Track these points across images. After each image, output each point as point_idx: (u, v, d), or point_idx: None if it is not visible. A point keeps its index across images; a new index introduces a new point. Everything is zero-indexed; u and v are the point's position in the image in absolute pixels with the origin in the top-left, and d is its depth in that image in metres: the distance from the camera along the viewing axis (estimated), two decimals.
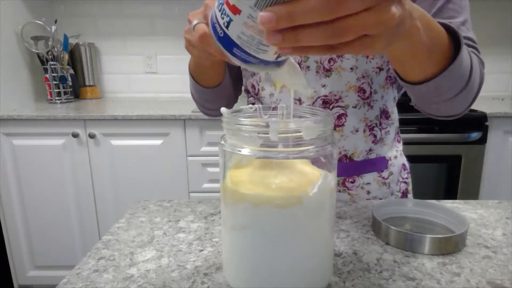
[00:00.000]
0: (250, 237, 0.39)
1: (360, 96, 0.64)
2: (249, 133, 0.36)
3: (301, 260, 0.38)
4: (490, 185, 1.72)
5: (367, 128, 0.67)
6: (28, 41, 1.84)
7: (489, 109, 1.67)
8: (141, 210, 0.63)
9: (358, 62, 0.62)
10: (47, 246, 1.75)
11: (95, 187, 1.69)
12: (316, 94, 0.64)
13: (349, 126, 0.66)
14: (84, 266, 0.46)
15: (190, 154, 1.66)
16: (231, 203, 0.39)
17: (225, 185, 0.40)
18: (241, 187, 0.38)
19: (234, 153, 0.38)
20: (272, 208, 0.36)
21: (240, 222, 0.39)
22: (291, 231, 0.37)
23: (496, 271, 0.45)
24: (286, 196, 0.37)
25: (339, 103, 0.64)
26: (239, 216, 0.39)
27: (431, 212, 0.57)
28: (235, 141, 0.37)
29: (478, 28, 0.65)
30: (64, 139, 1.64)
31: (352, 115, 0.65)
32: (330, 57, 0.61)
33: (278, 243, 0.37)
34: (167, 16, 2.14)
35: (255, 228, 0.38)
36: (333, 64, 0.62)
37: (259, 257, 0.38)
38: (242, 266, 0.40)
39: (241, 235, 0.39)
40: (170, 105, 1.89)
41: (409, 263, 0.46)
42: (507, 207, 0.65)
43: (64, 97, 1.97)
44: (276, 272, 0.38)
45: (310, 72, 0.63)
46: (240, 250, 0.40)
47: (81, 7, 2.12)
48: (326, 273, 0.42)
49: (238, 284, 0.41)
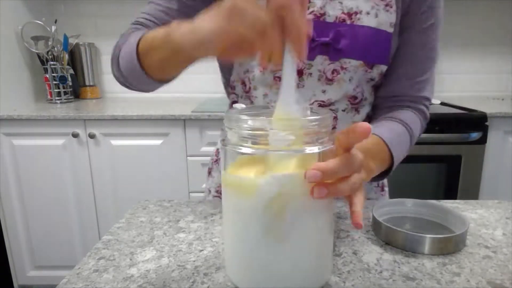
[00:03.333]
0: (250, 233, 0.39)
1: (351, 101, 0.66)
2: (248, 132, 0.36)
3: (302, 256, 0.39)
4: (490, 185, 1.72)
5: None
6: (28, 41, 1.84)
7: (489, 109, 1.67)
8: (141, 210, 0.63)
9: (357, 74, 0.63)
10: (47, 246, 1.75)
11: (95, 187, 1.69)
12: (315, 97, 0.64)
13: (340, 129, 0.67)
14: (84, 266, 0.46)
15: (190, 154, 1.66)
16: (232, 194, 0.40)
17: (225, 178, 0.40)
18: (242, 173, 0.38)
19: (234, 151, 0.38)
20: (274, 196, 0.36)
21: (239, 214, 0.39)
22: (292, 226, 0.37)
23: (496, 271, 0.45)
24: (288, 175, 0.36)
25: (331, 106, 0.66)
26: (239, 208, 0.39)
27: (431, 212, 0.57)
28: (235, 139, 0.38)
29: (478, 28, 0.66)
30: (64, 139, 1.64)
31: (342, 119, 0.67)
32: (334, 68, 0.62)
33: (279, 239, 0.38)
34: None
35: (254, 222, 0.38)
36: (336, 76, 0.63)
37: (260, 254, 0.39)
38: (244, 263, 0.41)
39: (241, 230, 0.39)
40: (170, 105, 1.89)
41: (409, 263, 0.46)
42: (507, 207, 0.65)
43: (64, 97, 1.97)
44: (276, 269, 0.38)
45: (312, 79, 0.63)
46: (241, 246, 0.40)
47: (81, 7, 2.12)
48: (325, 271, 0.42)
49: (240, 281, 0.41)
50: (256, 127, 0.36)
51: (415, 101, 0.68)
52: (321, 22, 0.60)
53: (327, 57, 0.61)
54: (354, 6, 0.60)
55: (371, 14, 0.60)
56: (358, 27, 0.60)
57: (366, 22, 0.60)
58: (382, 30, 0.61)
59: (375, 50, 0.62)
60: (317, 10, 0.59)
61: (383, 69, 0.64)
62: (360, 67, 0.62)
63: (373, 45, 0.61)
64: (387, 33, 0.61)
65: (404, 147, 0.63)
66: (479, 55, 2.19)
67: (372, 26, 0.60)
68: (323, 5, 0.59)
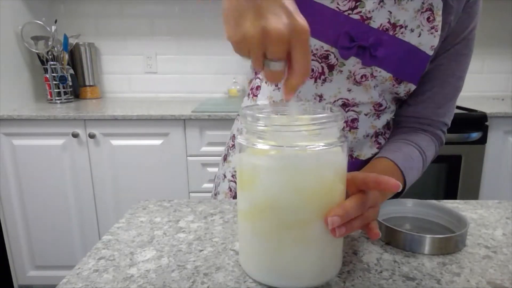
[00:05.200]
0: (265, 221, 0.40)
1: (375, 108, 0.66)
2: (264, 129, 0.38)
3: (317, 246, 0.40)
4: (490, 185, 1.72)
5: (374, 134, 0.70)
6: (28, 41, 1.84)
7: (489, 109, 1.67)
8: (141, 210, 0.63)
9: (383, 85, 0.63)
10: (47, 246, 1.75)
11: (95, 187, 1.69)
12: (340, 95, 0.64)
13: (362, 131, 0.67)
14: (84, 266, 0.46)
15: (190, 154, 1.66)
16: (247, 181, 0.40)
17: (241, 168, 0.41)
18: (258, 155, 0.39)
19: (249, 146, 0.39)
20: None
21: (256, 200, 0.40)
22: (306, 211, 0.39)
23: (496, 271, 0.45)
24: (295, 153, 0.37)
25: (354, 108, 0.65)
26: (255, 196, 0.40)
27: (431, 212, 0.57)
28: (250, 135, 0.39)
29: (478, 28, 0.66)
30: (64, 139, 1.64)
31: (363, 121, 0.67)
32: (364, 73, 0.62)
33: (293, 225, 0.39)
34: (167, 16, 2.14)
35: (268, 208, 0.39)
36: (364, 81, 0.62)
37: (274, 242, 0.40)
38: (258, 254, 0.42)
39: (257, 219, 0.40)
40: (170, 105, 1.89)
41: (409, 263, 0.46)
42: (507, 207, 0.65)
43: (64, 97, 1.97)
44: (291, 260, 0.40)
45: (341, 76, 0.63)
46: (254, 236, 0.41)
47: (81, 7, 2.12)
48: (338, 261, 0.44)
49: (254, 273, 0.43)
50: (271, 124, 0.38)
51: (435, 126, 0.69)
52: (364, 25, 0.58)
53: (360, 60, 0.60)
54: (402, 20, 0.59)
55: (415, 32, 0.60)
56: (400, 40, 0.59)
57: (407, 38, 0.59)
58: (422, 50, 0.60)
59: (409, 68, 0.62)
60: (364, 12, 0.58)
61: (411, 88, 0.64)
62: (389, 80, 0.62)
63: (409, 62, 0.61)
64: (426, 54, 0.61)
65: (416, 172, 0.64)
66: (480, 55, 2.19)
67: (413, 43, 0.60)
68: (372, 10, 0.58)
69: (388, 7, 0.58)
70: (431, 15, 0.60)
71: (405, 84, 0.63)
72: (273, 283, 0.41)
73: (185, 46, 2.18)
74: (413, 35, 0.60)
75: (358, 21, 0.58)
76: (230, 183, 0.79)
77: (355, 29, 0.58)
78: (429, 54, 0.61)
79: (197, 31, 2.15)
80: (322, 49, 0.60)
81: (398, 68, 0.61)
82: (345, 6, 0.57)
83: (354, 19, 0.58)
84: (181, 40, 2.17)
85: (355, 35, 0.58)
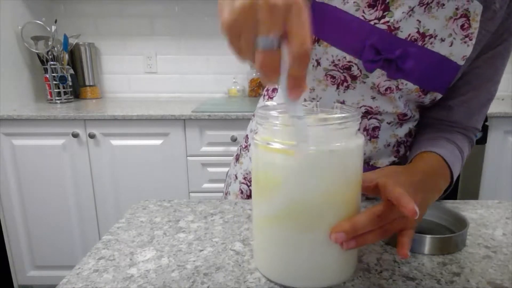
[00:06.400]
0: (287, 222, 0.40)
1: (399, 117, 0.63)
2: (279, 128, 0.38)
3: (336, 246, 0.40)
4: (490, 185, 1.72)
5: (396, 144, 0.67)
6: (28, 41, 1.84)
7: (489, 109, 1.67)
8: (141, 210, 0.63)
9: (408, 96, 0.61)
10: (47, 246, 1.75)
11: (95, 187, 1.69)
12: (363, 102, 0.61)
13: (382, 140, 0.65)
14: (84, 266, 0.46)
15: (190, 154, 1.66)
16: (264, 187, 0.40)
17: (257, 173, 0.41)
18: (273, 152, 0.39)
19: (267, 146, 0.39)
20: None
21: (273, 205, 0.40)
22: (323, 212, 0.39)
23: (496, 271, 0.45)
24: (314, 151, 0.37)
25: (377, 115, 0.63)
26: (277, 198, 0.40)
27: (431, 212, 0.57)
28: (267, 135, 0.39)
29: None
30: (64, 139, 1.64)
31: (385, 130, 0.64)
32: (389, 86, 0.58)
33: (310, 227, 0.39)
34: (167, 16, 2.14)
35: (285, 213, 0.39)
36: (388, 93, 0.59)
37: (294, 243, 0.40)
38: (275, 254, 0.42)
39: (278, 220, 0.40)
40: (170, 105, 1.89)
41: (409, 263, 0.46)
42: (507, 207, 0.65)
43: (64, 97, 1.97)
44: (310, 260, 0.40)
45: (364, 85, 0.60)
46: (271, 237, 0.42)
47: (81, 7, 2.12)
48: (354, 261, 0.44)
49: (270, 273, 0.43)
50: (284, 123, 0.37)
51: (467, 130, 0.66)
52: (392, 36, 0.54)
53: (385, 73, 0.57)
54: (431, 29, 0.55)
55: (445, 42, 0.56)
56: (429, 51, 0.56)
57: (437, 48, 0.56)
58: (452, 61, 0.57)
59: (437, 79, 0.59)
60: (392, 22, 0.54)
61: (437, 97, 0.61)
62: (415, 91, 0.59)
63: (437, 73, 0.58)
64: (456, 65, 0.57)
65: (457, 170, 0.61)
66: None
67: (443, 54, 0.56)
68: (400, 19, 0.54)
69: (417, 16, 0.54)
70: (466, 22, 0.55)
71: (431, 93, 0.60)
72: (291, 283, 0.41)
73: (185, 46, 2.18)
74: (443, 44, 0.56)
75: (384, 32, 0.54)
76: (241, 185, 0.78)
77: (381, 40, 0.54)
78: (460, 64, 0.57)
79: (197, 31, 2.15)
80: (345, 59, 0.56)
81: (426, 80, 0.58)
82: (371, 15, 0.54)
83: (381, 29, 0.54)
84: (181, 40, 2.17)
85: (381, 47, 0.55)
